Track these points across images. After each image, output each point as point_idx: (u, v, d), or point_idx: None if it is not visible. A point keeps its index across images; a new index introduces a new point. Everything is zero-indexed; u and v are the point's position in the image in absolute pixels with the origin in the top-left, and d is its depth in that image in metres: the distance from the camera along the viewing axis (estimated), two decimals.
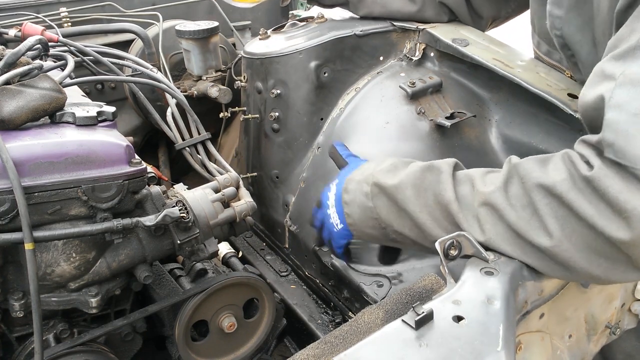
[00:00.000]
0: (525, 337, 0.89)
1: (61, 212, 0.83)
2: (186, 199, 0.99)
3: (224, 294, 1.07)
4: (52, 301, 0.90)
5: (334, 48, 1.35)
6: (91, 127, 0.89)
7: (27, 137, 0.82)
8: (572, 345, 1.05)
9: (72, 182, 0.82)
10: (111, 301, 1.01)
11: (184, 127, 1.29)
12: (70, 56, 1.10)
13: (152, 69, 1.32)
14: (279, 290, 1.36)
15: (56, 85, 0.87)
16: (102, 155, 0.85)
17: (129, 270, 0.95)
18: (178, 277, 1.14)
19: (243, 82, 1.46)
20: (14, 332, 0.96)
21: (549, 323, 0.94)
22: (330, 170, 1.31)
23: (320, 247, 1.26)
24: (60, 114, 0.89)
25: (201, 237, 0.99)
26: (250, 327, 1.14)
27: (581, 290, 1.00)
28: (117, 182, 0.85)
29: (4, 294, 0.87)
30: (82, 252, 0.88)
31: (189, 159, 1.27)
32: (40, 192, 0.80)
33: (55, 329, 0.95)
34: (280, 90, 1.36)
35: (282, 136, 1.40)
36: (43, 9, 1.77)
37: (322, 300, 1.33)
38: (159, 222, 0.88)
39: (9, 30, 1.32)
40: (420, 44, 1.36)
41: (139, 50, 1.74)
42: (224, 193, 1.06)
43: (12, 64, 0.93)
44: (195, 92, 1.63)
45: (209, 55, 1.61)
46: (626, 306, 1.16)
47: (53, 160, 0.81)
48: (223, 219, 1.02)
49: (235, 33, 1.94)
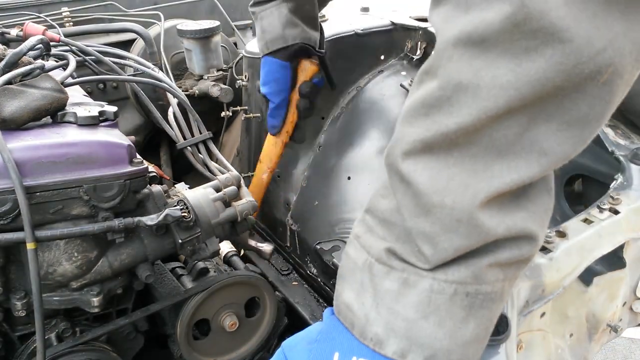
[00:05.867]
0: (526, 336, 0.89)
1: (63, 211, 0.84)
2: (187, 199, 0.99)
3: (226, 292, 1.07)
4: (54, 300, 0.90)
5: (335, 47, 1.35)
6: (93, 127, 0.90)
7: (29, 137, 0.83)
8: (573, 344, 1.05)
9: (73, 182, 0.82)
10: (113, 300, 1.01)
11: (185, 127, 1.29)
12: (72, 56, 1.11)
13: (154, 68, 1.32)
14: (280, 289, 1.36)
15: (58, 85, 0.87)
16: (104, 155, 0.85)
17: (131, 270, 0.95)
18: (179, 276, 1.14)
19: (244, 82, 1.46)
20: (16, 331, 0.96)
21: (550, 322, 0.94)
22: (332, 169, 1.31)
23: (322, 245, 1.27)
24: (62, 114, 0.89)
25: (202, 236, 0.99)
26: (251, 326, 1.14)
27: (582, 290, 1.01)
28: (119, 181, 0.86)
29: (6, 294, 0.87)
30: (84, 252, 0.88)
31: (191, 158, 1.27)
32: (42, 192, 0.80)
33: (57, 328, 0.95)
34: None
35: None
36: (45, 8, 1.77)
37: (324, 299, 1.33)
38: (161, 221, 0.88)
39: (11, 30, 1.32)
40: (422, 43, 1.36)
41: (140, 49, 1.74)
42: (225, 192, 1.06)
43: (14, 64, 0.93)
44: (197, 91, 1.64)
45: (210, 55, 1.61)
46: (627, 305, 1.16)
47: (55, 160, 0.81)
48: (224, 218, 1.03)
49: (236, 32, 1.94)
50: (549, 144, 0.49)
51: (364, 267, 0.58)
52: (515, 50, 0.45)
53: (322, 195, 1.31)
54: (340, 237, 1.23)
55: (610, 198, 0.99)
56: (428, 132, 0.50)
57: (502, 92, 0.46)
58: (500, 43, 0.45)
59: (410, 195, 0.53)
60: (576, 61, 0.43)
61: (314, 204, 1.32)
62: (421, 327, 0.53)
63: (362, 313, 0.57)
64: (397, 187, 0.55)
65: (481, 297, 0.53)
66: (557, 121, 0.48)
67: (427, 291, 0.53)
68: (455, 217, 0.51)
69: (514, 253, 0.53)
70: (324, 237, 1.26)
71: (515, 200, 0.52)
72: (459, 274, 0.53)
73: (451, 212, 0.51)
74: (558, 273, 0.87)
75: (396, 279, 0.55)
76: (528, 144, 0.49)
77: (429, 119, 0.50)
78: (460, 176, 0.50)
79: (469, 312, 0.53)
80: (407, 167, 0.52)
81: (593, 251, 0.93)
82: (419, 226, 0.53)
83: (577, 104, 0.47)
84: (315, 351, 0.59)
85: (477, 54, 0.46)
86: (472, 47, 0.46)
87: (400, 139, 0.54)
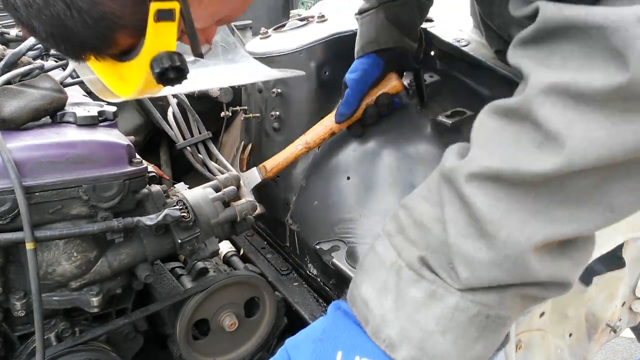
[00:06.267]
0: (526, 336, 0.89)
1: (62, 211, 0.84)
2: (187, 199, 0.99)
3: (225, 292, 1.07)
4: (53, 300, 0.90)
5: (335, 47, 1.35)
6: (92, 127, 0.90)
7: (28, 137, 0.83)
8: (572, 344, 1.05)
9: (73, 182, 0.82)
10: (112, 300, 1.01)
11: (185, 127, 1.29)
12: None
13: None
14: (280, 289, 1.36)
15: (57, 85, 0.88)
16: (103, 155, 0.85)
17: (130, 270, 0.95)
18: (179, 276, 1.14)
19: None
20: (15, 331, 0.96)
21: (549, 322, 0.94)
22: (331, 169, 1.31)
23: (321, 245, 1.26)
24: (61, 114, 0.89)
25: (202, 236, 0.99)
26: (251, 326, 1.14)
27: (582, 289, 1.01)
28: (118, 181, 0.86)
29: (5, 294, 0.87)
30: (83, 252, 0.88)
31: (190, 158, 1.27)
32: (41, 192, 0.81)
33: (56, 328, 0.95)
34: (280, 89, 1.36)
35: (283, 135, 1.40)
36: None
37: (323, 299, 1.33)
38: (160, 221, 0.88)
39: (10, 30, 1.32)
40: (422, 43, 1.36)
41: None
42: (225, 192, 1.06)
43: (13, 64, 0.93)
44: (196, 91, 1.64)
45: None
46: (627, 305, 1.16)
47: (54, 160, 0.81)
48: (224, 218, 1.03)
49: (236, 32, 1.94)
50: (619, 200, 0.48)
51: (391, 268, 0.58)
52: (613, 110, 0.44)
53: (322, 195, 1.31)
54: (339, 237, 1.23)
55: None
56: (503, 164, 0.50)
57: (592, 148, 0.45)
58: (597, 101, 0.45)
59: (462, 215, 0.53)
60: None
61: (314, 204, 1.32)
62: (437, 341, 0.54)
63: (379, 312, 0.57)
64: (449, 201, 0.54)
65: (498, 321, 0.54)
66: (634, 181, 0.47)
67: (452, 308, 0.53)
68: (505, 252, 0.50)
69: (542, 293, 0.54)
70: (323, 237, 1.26)
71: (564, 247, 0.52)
72: (487, 297, 0.53)
73: (503, 246, 0.50)
74: None
75: (424, 289, 0.55)
76: (598, 197, 0.48)
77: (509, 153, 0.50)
78: (520, 213, 0.50)
79: (481, 334, 0.54)
80: (470, 189, 0.52)
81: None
82: (463, 247, 0.52)
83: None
84: (319, 350, 0.59)
85: (573, 107, 0.46)
86: (567, 99, 0.46)
87: (472, 159, 0.53)
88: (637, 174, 0.47)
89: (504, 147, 0.50)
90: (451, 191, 0.54)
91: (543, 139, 0.47)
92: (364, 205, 1.20)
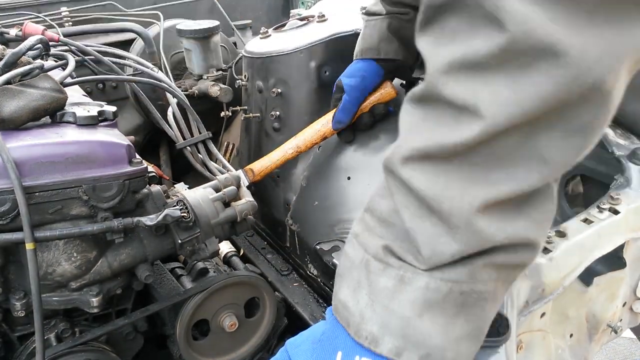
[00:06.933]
0: (526, 337, 0.89)
1: (62, 211, 0.83)
2: (187, 199, 0.99)
3: (225, 293, 1.07)
4: (53, 301, 0.90)
5: (335, 47, 1.34)
6: (92, 127, 0.89)
7: (28, 137, 0.83)
8: (573, 345, 1.05)
9: (73, 182, 0.82)
10: (112, 300, 1.01)
11: (184, 127, 1.29)
12: (71, 56, 1.10)
13: (153, 68, 1.32)
14: (280, 289, 1.36)
15: (57, 85, 0.87)
16: (103, 155, 0.85)
17: (130, 270, 0.95)
18: (179, 277, 1.14)
19: (244, 81, 1.46)
20: (15, 331, 0.96)
21: (550, 322, 0.94)
22: (331, 168, 1.31)
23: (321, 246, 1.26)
24: (61, 114, 0.89)
25: (202, 236, 0.99)
26: (251, 327, 1.14)
27: (582, 290, 1.01)
28: (118, 181, 0.85)
29: (5, 294, 0.87)
30: (83, 252, 0.88)
31: (190, 158, 1.27)
32: (41, 192, 0.80)
33: (56, 328, 0.95)
34: (281, 89, 1.36)
35: (283, 135, 1.40)
36: (44, 8, 1.77)
37: (324, 299, 1.33)
38: (160, 221, 0.88)
39: (10, 30, 1.32)
40: None
41: (140, 49, 1.74)
42: (225, 192, 1.06)
43: (13, 64, 0.93)
44: (196, 91, 1.63)
45: (210, 55, 1.61)
46: (628, 305, 1.16)
47: (54, 160, 0.81)
48: (224, 218, 1.02)
49: (236, 32, 1.94)
50: (549, 153, 0.49)
51: (360, 265, 0.58)
52: (509, 69, 0.45)
53: (322, 195, 1.31)
54: (340, 237, 1.23)
55: (610, 198, 0.99)
56: (428, 142, 0.51)
57: (502, 108, 0.46)
58: (492, 65, 0.46)
59: (409, 199, 0.54)
60: (577, 72, 0.43)
61: (314, 204, 1.32)
62: (416, 326, 0.53)
63: (357, 311, 0.56)
64: (396, 190, 0.55)
65: (475, 296, 0.54)
66: (559, 131, 0.48)
67: (423, 289, 0.53)
68: (453, 223, 0.51)
69: (511, 258, 0.54)
70: (323, 237, 1.26)
71: (517, 208, 0.52)
72: (455, 273, 0.53)
73: (449, 217, 0.51)
74: (558, 273, 0.87)
75: (392, 276, 0.55)
76: (528, 153, 0.49)
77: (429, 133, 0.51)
78: (457, 183, 0.51)
79: (460, 309, 0.54)
80: (406, 172, 0.53)
81: (593, 251, 0.93)
82: (418, 229, 0.53)
83: (579, 114, 0.47)
84: (319, 350, 0.59)
85: (472, 76, 0.47)
86: (465, 71, 0.47)
87: (401, 145, 0.54)
88: (559, 124, 0.48)
89: (426, 129, 0.52)
90: (395, 180, 0.55)
91: (457, 113, 0.49)
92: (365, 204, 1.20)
